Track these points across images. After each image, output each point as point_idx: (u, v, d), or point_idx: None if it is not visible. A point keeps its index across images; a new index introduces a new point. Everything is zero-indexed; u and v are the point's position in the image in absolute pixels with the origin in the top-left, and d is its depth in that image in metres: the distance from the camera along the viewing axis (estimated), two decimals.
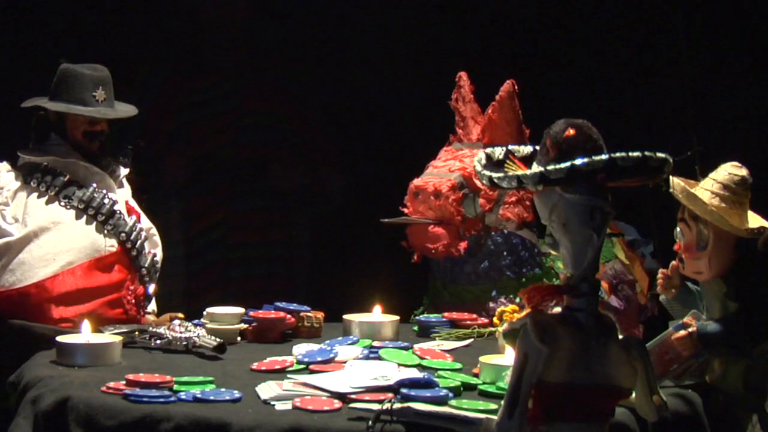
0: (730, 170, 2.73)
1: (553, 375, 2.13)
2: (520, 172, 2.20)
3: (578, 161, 2.12)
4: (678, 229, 2.77)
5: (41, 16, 4.62)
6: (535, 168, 2.20)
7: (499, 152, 2.33)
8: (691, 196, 2.68)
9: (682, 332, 2.65)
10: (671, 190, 2.74)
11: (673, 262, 2.82)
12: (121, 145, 3.50)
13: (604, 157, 2.13)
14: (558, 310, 2.21)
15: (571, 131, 2.21)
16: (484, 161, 2.31)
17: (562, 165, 2.13)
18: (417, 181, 3.39)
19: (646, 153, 2.13)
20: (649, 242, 3.27)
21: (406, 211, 3.39)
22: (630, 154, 2.13)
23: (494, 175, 2.24)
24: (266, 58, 4.69)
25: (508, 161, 2.31)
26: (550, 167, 2.14)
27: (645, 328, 3.26)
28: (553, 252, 2.26)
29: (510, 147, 2.35)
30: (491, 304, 3.26)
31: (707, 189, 2.69)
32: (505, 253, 3.36)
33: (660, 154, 2.15)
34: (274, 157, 4.53)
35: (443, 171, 3.36)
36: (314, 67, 4.83)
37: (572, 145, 2.19)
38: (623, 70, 4.45)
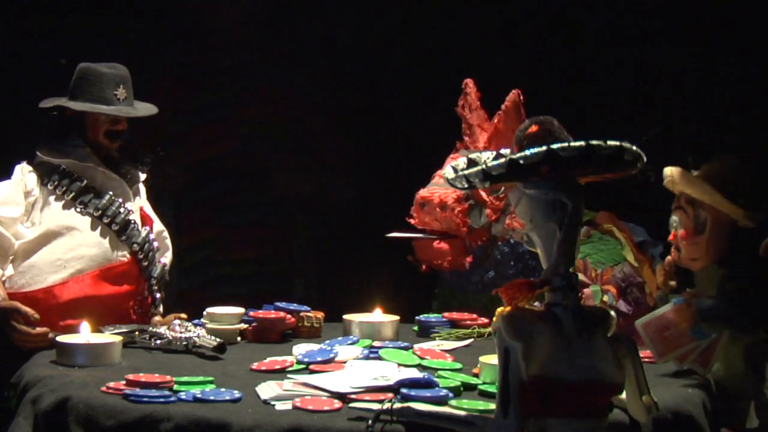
0: (720, 162, 2.75)
1: (532, 369, 2.13)
2: (467, 171, 2.20)
3: (516, 155, 2.13)
4: (673, 218, 2.79)
5: (38, 15, 4.62)
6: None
7: (462, 163, 2.35)
8: (690, 178, 2.70)
9: (681, 303, 2.68)
10: (665, 180, 2.75)
11: (669, 257, 2.83)
12: (140, 151, 3.47)
13: (543, 148, 2.12)
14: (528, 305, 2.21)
15: (534, 128, 2.23)
16: (451, 174, 2.32)
17: (501, 160, 2.14)
18: (423, 192, 3.38)
19: (592, 142, 2.12)
20: (659, 243, 3.28)
21: (412, 221, 3.40)
22: (571, 144, 2.12)
23: (449, 176, 2.27)
24: (267, 59, 4.61)
25: None
26: (491, 163, 2.15)
27: None
28: (532, 249, 2.27)
29: (470, 156, 2.37)
30: None
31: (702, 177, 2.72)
32: (512, 263, 3.36)
33: (611, 142, 2.14)
34: (278, 165, 4.43)
35: None
36: (318, 70, 4.78)
37: (532, 140, 2.20)
38: (625, 78, 4.48)
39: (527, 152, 2.12)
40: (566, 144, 2.12)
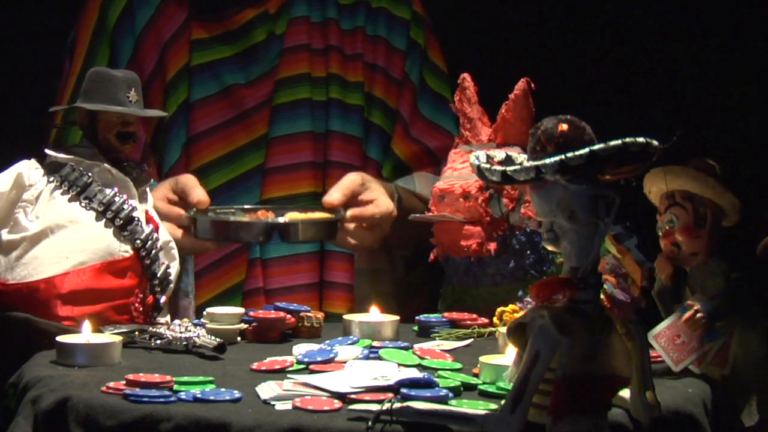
0: (699, 162, 2.77)
1: (571, 367, 2.14)
2: (538, 162, 2.19)
3: (595, 147, 2.14)
4: (668, 217, 2.79)
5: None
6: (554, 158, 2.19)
7: (483, 157, 2.34)
8: (692, 173, 2.72)
9: (688, 313, 2.69)
10: (646, 180, 2.76)
11: (665, 252, 2.84)
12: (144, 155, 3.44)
13: (618, 141, 2.13)
14: (560, 303, 2.21)
15: (564, 126, 2.22)
16: (478, 162, 2.31)
17: (580, 151, 2.14)
18: (440, 185, 3.35)
19: (647, 139, 2.14)
20: (633, 236, 3.28)
21: (428, 215, 3.35)
22: (637, 139, 2.14)
23: (508, 168, 2.24)
24: None
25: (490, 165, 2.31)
26: (569, 154, 2.14)
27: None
28: (551, 248, 2.26)
29: (488, 152, 2.36)
30: (519, 305, 3.21)
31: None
32: (528, 252, 3.33)
33: (640, 139, 2.15)
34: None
35: (465, 173, 3.32)
36: None
37: (569, 138, 2.20)
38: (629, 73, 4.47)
39: (604, 144, 2.13)
40: (633, 139, 2.13)
